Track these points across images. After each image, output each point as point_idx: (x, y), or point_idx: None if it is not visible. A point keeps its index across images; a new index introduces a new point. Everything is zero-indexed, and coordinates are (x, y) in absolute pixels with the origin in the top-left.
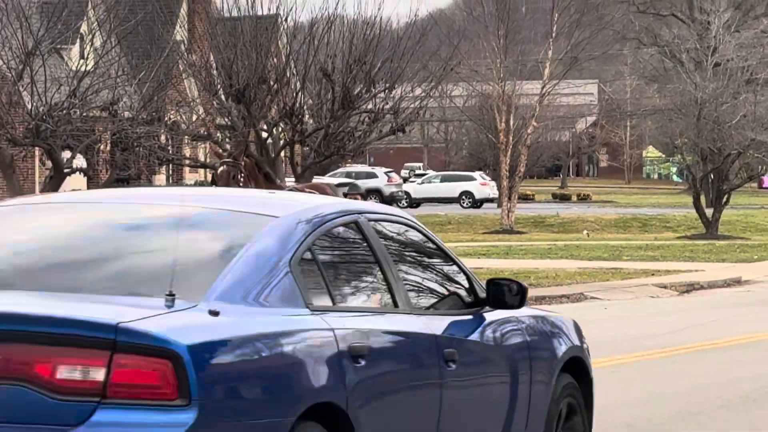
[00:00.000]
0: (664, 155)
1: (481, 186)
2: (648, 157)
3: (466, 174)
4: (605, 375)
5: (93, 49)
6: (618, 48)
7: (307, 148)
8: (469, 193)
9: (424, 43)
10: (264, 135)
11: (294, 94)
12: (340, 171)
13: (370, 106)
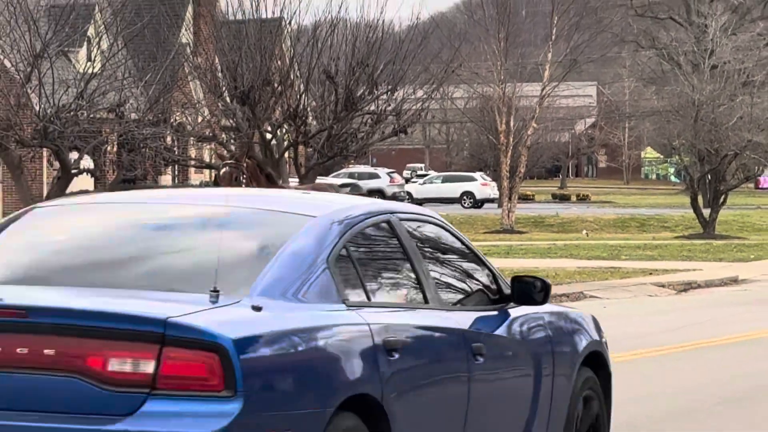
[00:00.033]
0: (662, 156)
1: (482, 186)
2: (646, 158)
3: (467, 174)
4: None
5: (100, 52)
6: (616, 51)
7: (311, 149)
8: (470, 193)
9: (426, 46)
10: (268, 136)
11: (298, 96)
12: (343, 172)
13: (373, 108)
